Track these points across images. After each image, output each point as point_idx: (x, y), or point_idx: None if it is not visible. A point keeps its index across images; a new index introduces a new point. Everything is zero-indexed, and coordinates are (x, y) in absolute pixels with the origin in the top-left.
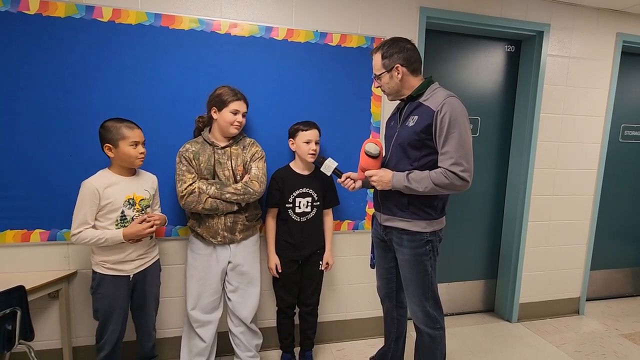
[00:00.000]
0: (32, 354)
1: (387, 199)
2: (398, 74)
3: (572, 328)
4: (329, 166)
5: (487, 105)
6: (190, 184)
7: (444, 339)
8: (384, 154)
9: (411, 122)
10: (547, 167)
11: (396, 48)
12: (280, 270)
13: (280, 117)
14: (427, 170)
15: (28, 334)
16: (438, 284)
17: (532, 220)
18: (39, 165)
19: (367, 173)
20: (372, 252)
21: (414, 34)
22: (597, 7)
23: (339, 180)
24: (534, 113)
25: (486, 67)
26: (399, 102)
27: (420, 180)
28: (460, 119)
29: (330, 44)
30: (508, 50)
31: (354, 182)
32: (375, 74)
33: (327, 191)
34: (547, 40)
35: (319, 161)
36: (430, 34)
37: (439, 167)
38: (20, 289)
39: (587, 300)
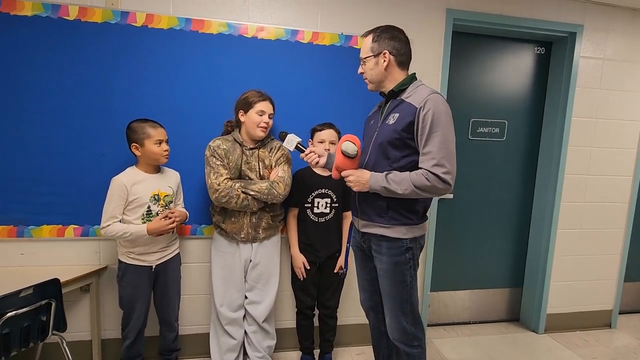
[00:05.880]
0: (64, 345)
1: (365, 203)
2: (384, 61)
3: (603, 342)
4: (291, 140)
5: (515, 109)
6: (226, 178)
7: (423, 358)
8: (361, 155)
9: (392, 120)
10: (578, 173)
11: (388, 34)
12: (308, 267)
13: (305, 120)
14: (408, 172)
15: (61, 325)
16: (461, 291)
17: (561, 227)
18: (73, 163)
19: (343, 173)
20: (346, 261)
21: (440, 36)
22: (634, 7)
23: (301, 155)
24: (565, 117)
25: (515, 69)
26: (381, 100)
27: (400, 182)
28: (443, 117)
29: (355, 47)
30: (538, 52)
31: (319, 157)
32: (360, 57)
33: (347, 193)
34: (580, 42)
35: (281, 136)
36: (456, 35)
37: (420, 168)
38: (55, 282)
39: (619, 313)
